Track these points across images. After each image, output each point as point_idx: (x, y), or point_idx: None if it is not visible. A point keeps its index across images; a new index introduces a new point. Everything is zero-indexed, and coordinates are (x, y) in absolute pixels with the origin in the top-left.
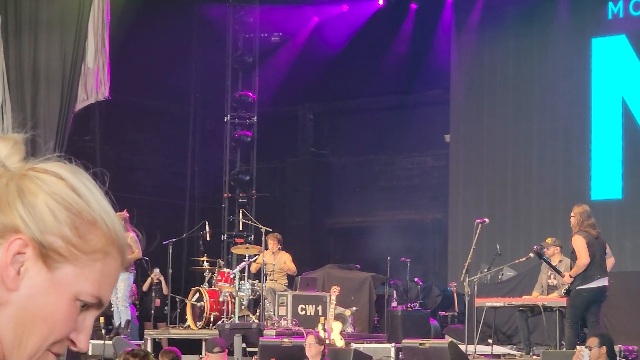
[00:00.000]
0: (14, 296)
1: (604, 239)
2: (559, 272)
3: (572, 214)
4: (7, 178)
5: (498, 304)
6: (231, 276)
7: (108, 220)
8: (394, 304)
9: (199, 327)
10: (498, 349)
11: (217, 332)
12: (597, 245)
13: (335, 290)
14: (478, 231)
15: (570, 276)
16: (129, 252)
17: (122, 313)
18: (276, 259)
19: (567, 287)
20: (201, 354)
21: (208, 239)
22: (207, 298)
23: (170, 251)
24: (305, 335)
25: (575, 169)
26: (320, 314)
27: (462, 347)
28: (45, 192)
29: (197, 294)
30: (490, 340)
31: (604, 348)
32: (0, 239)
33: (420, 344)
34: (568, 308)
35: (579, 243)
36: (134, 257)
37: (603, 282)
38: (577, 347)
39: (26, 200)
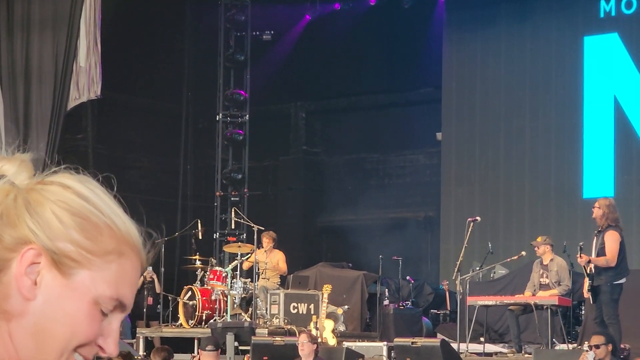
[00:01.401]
0: (32, 306)
1: None
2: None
3: (596, 205)
4: (14, 193)
5: (490, 303)
6: (223, 275)
7: (118, 221)
8: (386, 302)
9: (191, 325)
10: (490, 348)
11: (209, 330)
12: (624, 242)
13: (327, 289)
14: (470, 229)
15: (590, 260)
16: None
17: None
18: (269, 258)
19: (589, 284)
20: (193, 353)
21: (200, 237)
22: (200, 296)
23: (163, 249)
24: (297, 333)
25: (568, 167)
26: (312, 312)
27: (454, 346)
28: (50, 200)
29: (190, 293)
30: (482, 339)
31: (610, 346)
32: (14, 252)
33: (412, 343)
34: (609, 303)
35: (614, 241)
36: None
37: (624, 280)
38: (584, 350)
39: (33, 211)
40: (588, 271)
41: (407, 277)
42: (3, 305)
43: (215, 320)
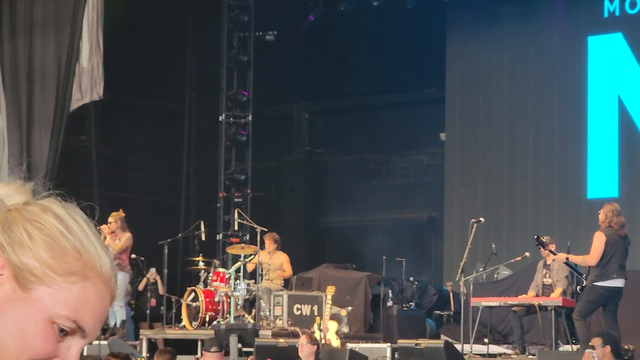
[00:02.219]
0: None
1: (629, 241)
2: (553, 253)
3: (601, 211)
4: (1, 213)
5: (494, 304)
6: (227, 276)
7: (89, 247)
8: (390, 303)
9: (195, 327)
10: (494, 349)
11: (212, 332)
12: (620, 245)
13: (330, 290)
14: (474, 230)
15: (567, 259)
16: (125, 254)
17: (118, 313)
18: (272, 259)
19: (583, 283)
20: (197, 354)
21: (203, 238)
22: (203, 298)
23: (166, 251)
24: (300, 335)
25: (572, 168)
26: (315, 313)
27: (458, 347)
28: (26, 219)
29: (193, 294)
30: (486, 340)
31: (608, 347)
32: None
33: (416, 344)
34: (581, 302)
35: (597, 241)
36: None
37: (619, 282)
38: (586, 350)
39: (7, 227)
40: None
41: (411, 278)
42: None
43: (218, 321)
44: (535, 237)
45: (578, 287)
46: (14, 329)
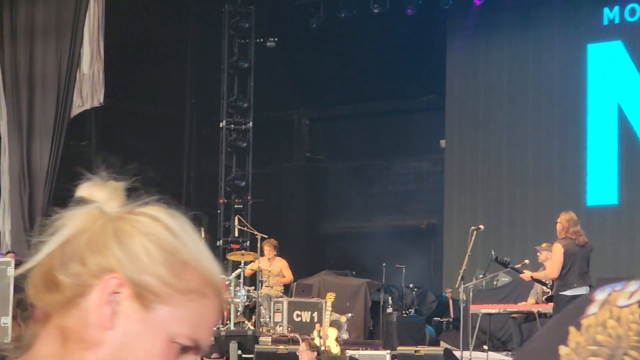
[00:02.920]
0: (110, 336)
1: (591, 247)
2: (518, 270)
3: (558, 220)
4: (103, 220)
5: (493, 311)
6: (227, 283)
7: (205, 262)
8: (389, 310)
9: None
10: (493, 356)
11: (212, 338)
12: (579, 254)
13: (330, 297)
14: (473, 237)
15: (532, 277)
16: None
17: None
18: (272, 266)
19: (549, 294)
20: None
21: None
22: None
23: None
24: (300, 342)
25: (571, 175)
26: (315, 320)
27: (457, 354)
28: (140, 232)
29: None
30: (485, 347)
31: None
32: (97, 279)
33: (415, 351)
34: (553, 313)
35: (555, 253)
36: None
37: (582, 290)
38: None
39: (121, 240)
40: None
41: (410, 285)
42: (82, 332)
43: (218, 328)
44: (495, 257)
45: (544, 297)
46: (137, 350)
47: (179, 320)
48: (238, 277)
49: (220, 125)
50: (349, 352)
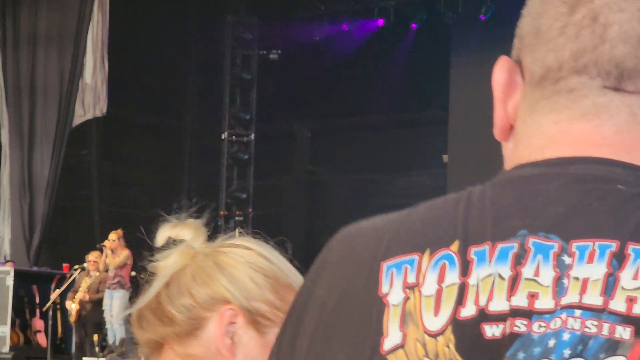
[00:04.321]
0: None
1: None
2: None
3: None
4: (201, 256)
5: None
6: None
7: (298, 281)
8: None
9: None
10: None
11: None
12: None
13: None
14: None
15: None
16: (126, 272)
17: (117, 331)
18: None
19: None
20: None
21: None
22: None
23: None
24: None
25: None
26: None
27: None
28: (241, 262)
29: None
30: None
31: None
32: (210, 311)
33: None
34: None
35: None
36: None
37: None
38: None
39: (227, 272)
40: None
41: None
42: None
43: None
44: None
45: None
46: None
47: None
48: None
49: (222, 137)
50: None
